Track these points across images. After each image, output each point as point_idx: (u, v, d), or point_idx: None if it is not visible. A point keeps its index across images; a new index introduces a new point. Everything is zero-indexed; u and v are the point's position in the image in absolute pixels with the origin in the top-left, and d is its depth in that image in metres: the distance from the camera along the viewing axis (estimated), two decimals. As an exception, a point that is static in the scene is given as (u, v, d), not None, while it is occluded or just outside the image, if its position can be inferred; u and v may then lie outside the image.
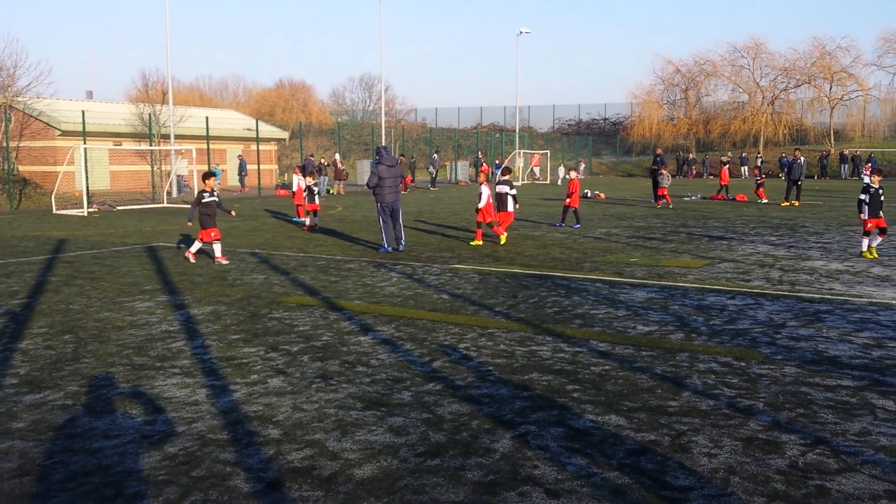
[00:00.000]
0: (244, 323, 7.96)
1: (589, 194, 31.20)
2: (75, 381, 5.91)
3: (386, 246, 13.63)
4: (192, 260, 12.51)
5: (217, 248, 12.45)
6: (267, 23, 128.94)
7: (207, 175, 13.00)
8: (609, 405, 5.33)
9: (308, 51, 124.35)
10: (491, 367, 6.27)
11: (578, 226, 18.37)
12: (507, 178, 15.87)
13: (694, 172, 57.60)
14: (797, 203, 25.62)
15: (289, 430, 4.86)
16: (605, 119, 76.17)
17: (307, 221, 17.95)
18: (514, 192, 15.48)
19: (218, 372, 6.18)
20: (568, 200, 18.63)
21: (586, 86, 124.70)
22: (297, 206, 19.69)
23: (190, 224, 12.97)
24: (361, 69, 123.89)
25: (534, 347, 6.92)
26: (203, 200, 12.53)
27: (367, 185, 13.85)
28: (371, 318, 8.20)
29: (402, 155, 39.81)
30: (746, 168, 53.86)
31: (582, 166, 59.97)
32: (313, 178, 18.50)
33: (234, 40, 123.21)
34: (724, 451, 4.49)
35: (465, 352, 6.77)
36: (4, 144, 27.66)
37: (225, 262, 12.32)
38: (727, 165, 30.55)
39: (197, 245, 12.66)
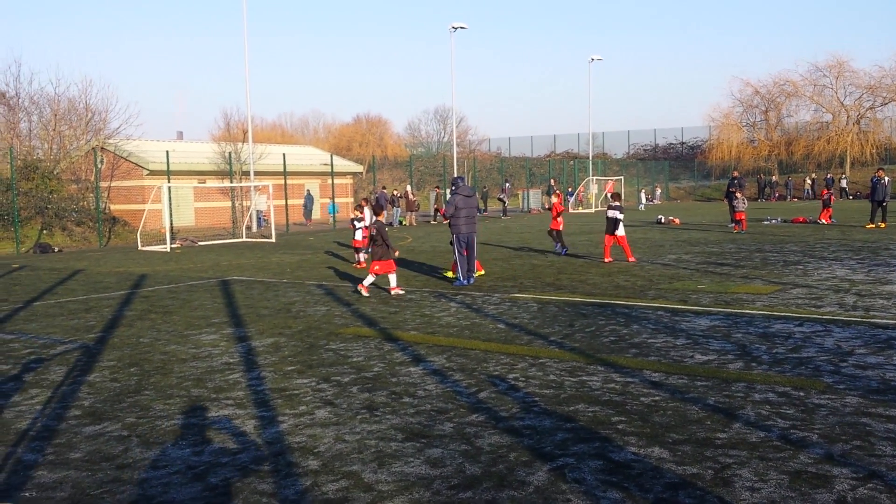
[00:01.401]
0: (301, 354, 8.13)
1: (662, 220, 30.59)
2: (134, 412, 6.16)
3: (462, 279, 13.37)
4: (366, 293, 12.50)
5: (393, 279, 12.60)
6: (346, 60, 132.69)
7: (379, 207, 13.08)
8: (653, 437, 5.19)
9: (385, 86, 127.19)
10: (537, 398, 6.21)
11: (564, 250, 18.39)
12: (618, 203, 16.56)
13: (777, 195, 55.76)
14: (883, 225, 24.44)
15: (328, 462, 4.93)
16: (682, 143, 74.79)
17: (361, 257, 17.18)
18: (622, 216, 16.31)
19: (269, 403, 6.33)
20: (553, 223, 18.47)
21: (661, 110, 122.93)
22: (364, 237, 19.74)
23: (397, 253, 12.77)
24: (436, 101, 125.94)
25: (584, 378, 6.82)
26: (372, 233, 12.61)
27: (444, 214, 13.79)
28: (425, 348, 8.25)
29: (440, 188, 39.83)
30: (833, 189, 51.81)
31: (658, 191, 58.97)
32: (359, 212, 17.59)
33: (314, 78, 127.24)
34: (769, 486, 4.31)
35: (513, 382, 6.73)
36: (96, 184, 29.25)
37: (402, 291, 12.46)
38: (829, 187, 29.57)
39: (371, 278, 12.68)
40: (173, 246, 24.95)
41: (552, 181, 51.84)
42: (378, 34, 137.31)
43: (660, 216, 31.69)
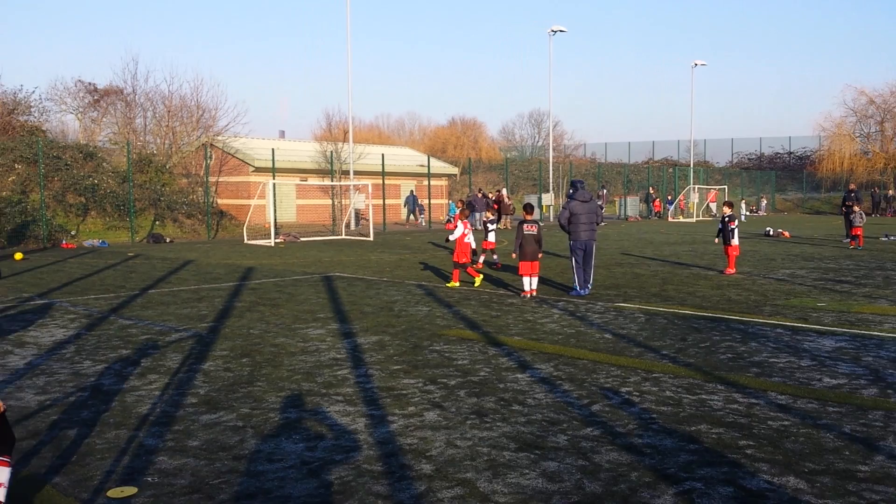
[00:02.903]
0: (406, 354, 8.10)
1: (771, 232, 29.29)
2: (247, 403, 6.24)
3: (578, 288, 12.77)
4: (534, 294, 12.47)
5: (535, 281, 12.50)
6: (442, 63, 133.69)
7: (530, 207, 12.99)
8: (787, 465, 4.85)
9: (480, 88, 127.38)
10: (655, 415, 5.93)
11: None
12: (731, 212, 16.29)
13: (892, 210, 52.60)
14: None
15: (441, 467, 4.83)
16: (790, 153, 71.65)
17: (495, 259, 17.40)
18: (734, 225, 16.06)
19: (378, 402, 6.30)
20: None
21: (768, 118, 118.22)
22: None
23: (515, 255, 12.71)
24: (531, 105, 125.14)
25: (703, 396, 6.48)
26: (525, 232, 12.53)
27: (558, 221, 13.16)
28: (530, 355, 8.07)
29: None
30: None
31: (763, 203, 56.69)
32: (491, 214, 18.18)
33: (411, 80, 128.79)
34: (926, 530, 3.92)
35: (627, 396, 6.47)
36: (205, 179, 30.42)
37: (532, 294, 12.39)
38: None
39: (528, 281, 12.50)
40: (277, 241, 25.63)
41: (651, 189, 50.65)
42: (475, 37, 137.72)
43: (769, 228, 30.37)
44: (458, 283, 13.84)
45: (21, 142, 27.84)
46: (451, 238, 14.21)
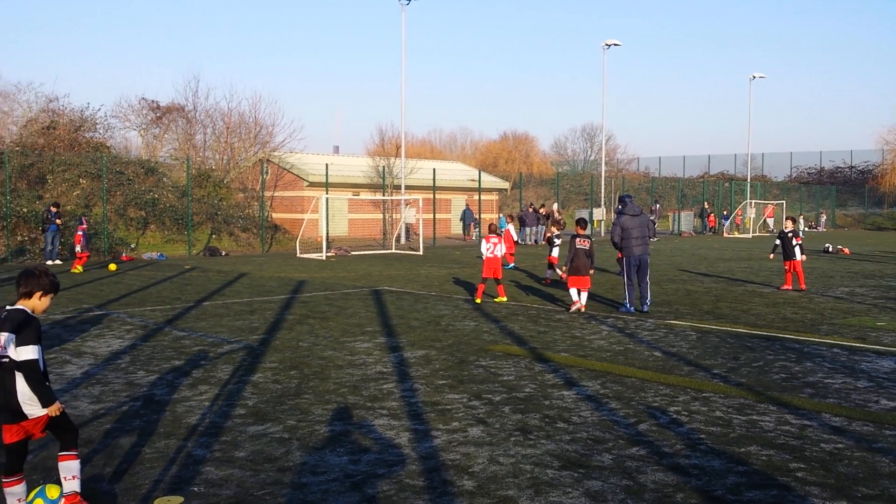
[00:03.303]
0: (451, 369, 8.11)
1: (830, 249, 28.48)
2: (294, 415, 6.33)
3: (628, 305, 12.56)
4: (584, 309, 12.54)
5: (584, 296, 12.59)
6: (494, 77, 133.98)
7: (583, 222, 13.07)
8: (840, 490, 4.70)
9: (533, 103, 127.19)
10: (703, 436, 5.82)
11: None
12: (794, 227, 16.30)
13: (963, 226, 50.63)
14: None
15: (483, 483, 4.81)
16: (851, 167, 69.62)
17: (548, 274, 17.67)
18: (800, 240, 16.07)
19: (422, 416, 6.32)
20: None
21: (828, 131, 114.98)
22: (506, 253, 19.88)
23: (565, 268, 12.84)
24: (584, 119, 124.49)
25: (754, 417, 6.33)
26: (577, 246, 12.61)
27: (612, 240, 12.93)
28: (577, 371, 8.00)
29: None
30: None
31: (823, 218, 55.19)
32: (558, 229, 18.26)
33: (463, 95, 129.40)
34: None
35: (675, 416, 6.36)
36: (261, 194, 31.03)
37: (580, 310, 12.43)
38: None
39: (576, 293, 12.61)
40: (328, 254, 25.96)
41: (706, 204, 49.76)
42: (528, 51, 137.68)
43: (827, 245, 29.52)
44: (505, 298, 13.81)
45: (86, 158, 28.85)
46: (488, 255, 14.19)
